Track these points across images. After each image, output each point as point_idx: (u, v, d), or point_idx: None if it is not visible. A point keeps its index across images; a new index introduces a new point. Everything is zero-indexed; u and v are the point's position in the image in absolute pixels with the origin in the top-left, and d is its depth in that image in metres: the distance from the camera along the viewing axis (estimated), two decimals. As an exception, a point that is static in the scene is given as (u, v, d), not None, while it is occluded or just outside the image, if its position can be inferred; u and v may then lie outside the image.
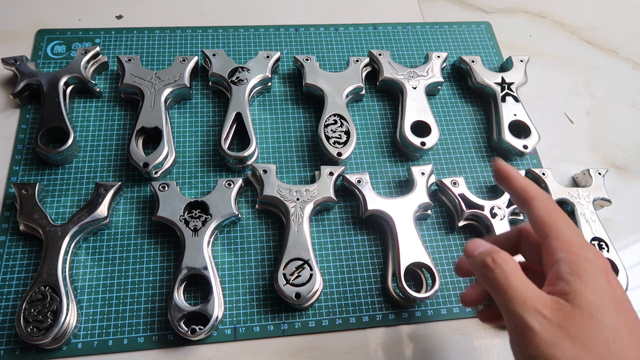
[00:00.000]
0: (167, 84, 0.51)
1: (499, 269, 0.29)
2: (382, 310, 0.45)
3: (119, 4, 0.61)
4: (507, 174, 0.34)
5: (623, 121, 0.60)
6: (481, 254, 0.31)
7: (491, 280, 0.30)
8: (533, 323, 0.27)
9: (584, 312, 0.27)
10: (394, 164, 0.53)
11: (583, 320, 0.27)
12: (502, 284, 0.29)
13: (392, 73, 0.55)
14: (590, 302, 0.27)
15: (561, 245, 0.29)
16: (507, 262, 0.30)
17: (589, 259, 0.29)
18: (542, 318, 0.27)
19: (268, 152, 0.52)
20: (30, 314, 0.39)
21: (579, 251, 0.29)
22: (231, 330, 0.43)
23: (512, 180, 0.34)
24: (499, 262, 0.30)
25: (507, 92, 0.55)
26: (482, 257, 0.31)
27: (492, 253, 0.31)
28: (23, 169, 0.48)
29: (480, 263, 0.31)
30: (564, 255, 0.29)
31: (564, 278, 0.28)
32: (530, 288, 0.29)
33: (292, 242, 0.44)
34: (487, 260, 0.30)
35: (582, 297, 0.27)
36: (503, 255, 0.30)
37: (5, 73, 0.54)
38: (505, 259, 0.30)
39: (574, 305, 0.27)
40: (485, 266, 0.30)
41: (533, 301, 0.28)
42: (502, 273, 0.29)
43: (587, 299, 0.27)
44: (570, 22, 0.68)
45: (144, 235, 0.46)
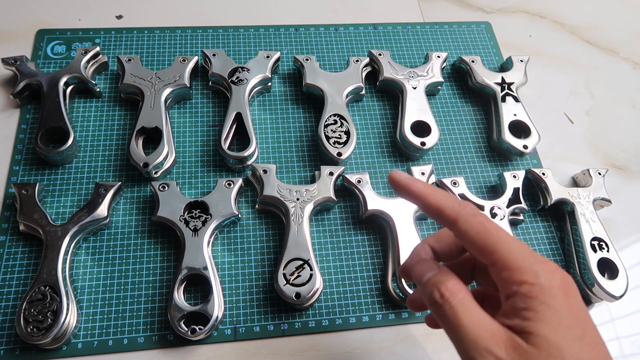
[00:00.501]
0: (167, 84, 0.51)
1: (447, 305, 0.27)
2: (382, 310, 0.45)
3: (119, 4, 0.61)
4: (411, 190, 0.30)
5: (623, 121, 0.60)
6: (429, 282, 0.28)
7: (441, 317, 0.27)
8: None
9: (542, 352, 0.25)
10: (394, 164, 0.53)
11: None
12: (451, 322, 0.27)
13: (392, 73, 0.55)
14: (548, 341, 0.25)
15: (511, 276, 0.26)
16: (455, 295, 0.27)
17: (544, 287, 0.26)
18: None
19: (268, 152, 0.52)
20: (30, 314, 0.39)
21: (531, 279, 0.26)
22: (231, 330, 0.43)
23: (421, 198, 0.29)
24: (447, 297, 0.27)
25: (507, 92, 0.55)
26: (430, 289, 0.28)
27: (439, 284, 0.28)
28: (23, 169, 0.48)
29: (428, 295, 0.28)
30: (517, 289, 0.26)
31: (519, 314, 0.26)
32: (482, 323, 0.26)
33: (292, 242, 0.44)
34: (435, 296, 0.27)
35: (539, 337, 0.25)
36: (451, 286, 0.27)
37: (5, 73, 0.54)
38: (453, 291, 0.27)
39: (531, 345, 0.25)
40: (433, 301, 0.28)
41: (485, 340, 0.25)
42: (451, 310, 0.27)
43: (544, 339, 0.25)
44: (570, 22, 0.68)
45: (144, 235, 0.46)
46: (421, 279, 0.29)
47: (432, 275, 0.29)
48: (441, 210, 0.28)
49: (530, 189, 0.52)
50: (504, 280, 0.27)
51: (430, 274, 0.29)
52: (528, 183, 0.52)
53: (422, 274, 0.29)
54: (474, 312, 0.27)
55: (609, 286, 0.45)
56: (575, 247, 0.48)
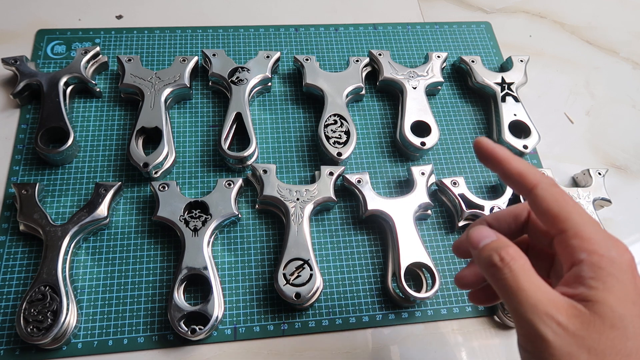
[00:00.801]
0: (167, 84, 0.51)
1: (507, 269, 0.26)
2: (382, 310, 0.45)
3: (119, 4, 0.61)
4: (495, 155, 0.29)
5: (623, 121, 0.60)
6: (487, 248, 0.28)
7: (499, 281, 0.26)
8: (546, 331, 0.24)
9: (605, 321, 0.24)
10: (394, 164, 0.53)
11: (604, 330, 0.24)
12: (511, 285, 0.26)
13: (392, 73, 0.55)
14: (613, 311, 0.24)
15: (581, 244, 0.26)
16: (516, 260, 0.26)
17: (614, 260, 0.25)
18: (557, 325, 0.24)
19: (268, 152, 0.52)
20: (30, 314, 0.39)
21: (602, 251, 0.25)
22: (231, 330, 0.43)
23: (504, 164, 0.29)
24: (507, 261, 0.26)
25: (507, 92, 0.55)
26: (489, 252, 0.27)
27: (500, 249, 0.27)
28: (23, 169, 0.48)
29: (486, 259, 0.27)
30: (586, 257, 0.25)
31: (585, 283, 0.25)
32: (543, 290, 0.25)
33: (292, 242, 0.44)
34: (494, 259, 0.27)
35: (604, 306, 0.24)
36: (512, 251, 0.27)
37: (5, 73, 0.54)
38: (514, 257, 0.26)
39: (594, 314, 0.24)
40: (492, 265, 0.27)
41: (546, 305, 0.25)
42: (511, 273, 0.26)
43: (610, 308, 0.24)
44: (570, 22, 0.68)
45: (144, 235, 0.46)
46: (478, 244, 0.28)
47: (491, 241, 0.28)
48: (523, 175, 0.28)
49: (530, 189, 0.52)
50: (573, 247, 0.26)
51: (488, 239, 0.28)
52: (528, 183, 0.52)
53: (479, 240, 0.28)
54: (534, 278, 0.26)
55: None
56: (575, 247, 0.48)
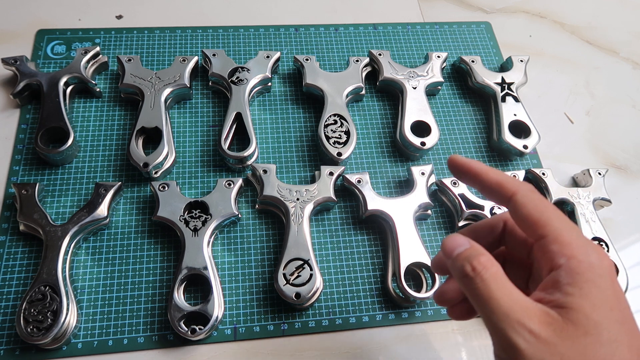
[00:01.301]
0: (167, 84, 0.51)
1: (478, 279, 0.26)
2: (382, 310, 0.45)
3: (119, 4, 0.61)
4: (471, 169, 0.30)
5: (623, 121, 0.60)
6: (460, 256, 0.28)
7: (471, 290, 0.27)
8: (518, 340, 0.24)
9: (579, 328, 0.24)
10: (394, 164, 0.53)
11: (577, 337, 0.24)
12: (482, 294, 0.26)
13: (392, 73, 0.55)
14: (588, 318, 0.24)
15: (561, 249, 0.26)
16: (488, 269, 0.26)
17: (594, 265, 0.25)
18: (529, 333, 0.24)
19: (268, 152, 0.52)
20: (30, 314, 0.39)
21: (581, 256, 0.25)
22: (231, 330, 0.43)
23: (481, 176, 0.29)
24: (479, 270, 0.26)
25: (507, 92, 0.55)
26: (461, 262, 0.27)
27: (472, 258, 0.27)
28: (23, 169, 0.48)
29: (459, 269, 0.27)
30: (564, 262, 0.25)
31: (562, 289, 0.25)
32: (515, 298, 0.25)
33: (292, 242, 0.44)
34: (466, 268, 0.27)
35: (579, 313, 0.24)
36: (483, 260, 0.27)
37: (5, 73, 0.54)
38: (486, 265, 0.27)
39: (568, 320, 0.24)
40: (464, 275, 0.27)
41: (518, 313, 0.25)
42: (482, 282, 0.26)
43: (584, 315, 0.24)
44: (570, 22, 0.68)
45: (144, 235, 0.46)
46: (452, 253, 0.28)
47: (464, 249, 0.28)
48: (501, 184, 0.29)
49: (530, 189, 0.52)
50: (552, 252, 0.26)
51: (461, 248, 0.28)
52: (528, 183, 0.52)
53: (452, 248, 0.28)
54: (506, 286, 0.26)
55: (609, 286, 0.45)
56: (575, 247, 0.48)
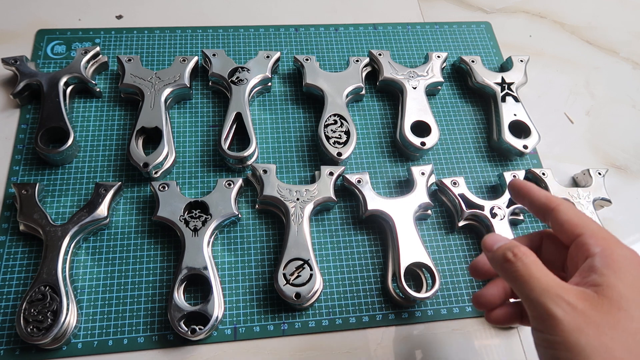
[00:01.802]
0: (167, 84, 0.51)
1: (520, 262, 0.29)
2: (382, 310, 0.45)
3: (119, 4, 0.61)
4: (526, 190, 0.35)
5: (623, 121, 0.60)
6: (501, 247, 0.31)
7: (512, 273, 0.29)
8: (556, 310, 0.27)
9: (613, 303, 0.27)
10: (394, 164, 0.53)
11: (611, 311, 0.26)
12: (523, 275, 0.29)
13: (392, 73, 0.55)
14: (621, 295, 0.27)
15: (597, 241, 0.29)
16: (528, 255, 0.30)
17: (626, 255, 0.29)
18: (566, 305, 0.27)
19: (268, 152, 0.52)
20: (30, 314, 0.39)
21: (615, 248, 0.29)
22: (231, 330, 0.43)
23: (532, 194, 0.35)
24: (520, 256, 0.30)
25: (507, 92, 0.55)
26: (503, 250, 0.30)
27: (513, 247, 0.30)
28: (23, 169, 0.48)
29: (500, 257, 0.30)
30: (599, 250, 0.29)
31: (597, 270, 0.28)
32: (552, 278, 0.28)
33: (292, 242, 0.44)
34: (507, 254, 0.30)
35: (613, 290, 0.27)
36: (523, 249, 0.30)
37: (5, 73, 0.54)
38: (526, 253, 0.30)
39: (602, 296, 0.27)
40: (506, 260, 0.30)
41: (556, 289, 0.28)
42: (523, 265, 0.29)
43: (618, 292, 0.27)
44: (570, 22, 0.68)
45: (144, 235, 0.46)
46: (492, 246, 0.32)
47: (504, 242, 0.32)
48: (549, 198, 0.34)
49: (530, 189, 0.52)
50: (589, 245, 0.30)
51: (501, 242, 0.32)
52: (528, 183, 0.52)
53: (493, 243, 0.32)
54: (544, 270, 0.29)
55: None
56: (575, 247, 0.48)
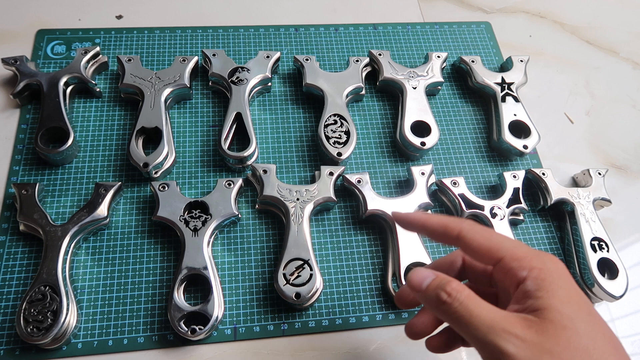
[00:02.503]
0: (167, 84, 0.51)
1: (456, 302, 0.28)
2: (382, 310, 0.45)
3: (119, 4, 0.61)
4: (415, 220, 0.33)
5: (623, 121, 0.60)
6: (431, 287, 0.29)
7: (451, 315, 0.28)
8: (507, 346, 0.25)
9: (556, 324, 0.26)
10: (394, 164, 0.53)
11: (557, 333, 0.26)
12: (463, 315, 0.27)
13: (392, 73, 0.55)
14: (561, 314, 0.26)
15: (520, 264, 0.29)
16: (461, 292, 0.28)
17: (551, 270, 0.28)
18: (515, 338, 0.26)
19: (268, 152, 0.52)
20: (30, 314, 0.39)
21: (539, 265, 0.28)
22: (231, 330, 0.43)
23: (426, 224, 0.32)
24: (454, 295, 0.28)
25: (507, 92, 0.55)
26: (435, 291, 0.29)
27: (444, 286, 0.29)
28: (23, 169, 0.48)
29: (433, 298, 0.29)
30: (527, 273, 0.28)
31: (532, 295, 0.27)
32: (493, 311, 0.27)
33: (292, 242, 0.44)
34: (441, 296, 0.28)
35: (552, 310, 0.26)
36: (455, 285, 0.29)
37: (5, 73, 0.54)
38: (459, 289, 0.28)
39: (544, 319, 0.26)
40: (441, 302, 0.28)
41: (501, 323, 0.26)
42: (460, 305, 0.28)
43: (557, 311, 0.26)
44: (570, 22, 0.68)
45: (144, 235, 0.46)
46: (420, 285, 0.30)
47: (432, 280, 0.30)
48: (446, 225, 0.31)
49: (530, 189, 0.52)
50: (513, 269, 0.29)
51: (429, 279, 0.30)
52: (528, 183, 0.52)
53: (420, 281, 0.30)
54: (482, 304, 0.28)
55: (609, 286, 0.45)
56: (575, 247, 0.48)
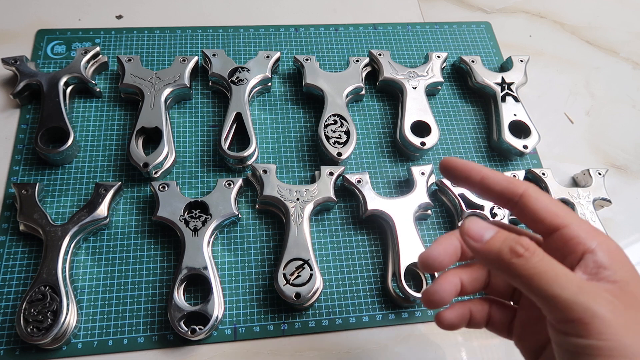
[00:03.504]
0: (167, 84, 0.51)
1: (536, 257, 0.24)
2: (382, 310, 0.45)
3: (119, 4, 0.61)
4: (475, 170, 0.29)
5: (623, 121, 0.60)
6: (498, 239, 0.26)
7: (528, 270, 0.24)
8: (601, 310, 0.23)
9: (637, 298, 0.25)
10: (394, 164, 0.53)
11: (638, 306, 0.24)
12: (547, 271, 0.24)
13: (392, 73, 0.55)
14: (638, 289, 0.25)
15: (589, 235, 0.26)
16: (539, 249, 0.25)
17: (618, 249, 0.27)
18: (608, 303, 0.23)
19: (268, 152, 0.52)
20: (30, 314, 0.39)
21: (606, 240, 0.26)
22: (231, 330, 0.43)
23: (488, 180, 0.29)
24: (533, 249, 0.25)
25: (507, 92, 0.55)
26: (507, 243, 0.25)
27: (516, 240, 0.25)
28: (23, 169, 0.48)
29: (505, 251, 0.25)
30: (597, 245, 0.26)
31: (607, 267, 0.25)
32: (577, 275, 0.25)
33: (292, 242, 0.44)
34: (517, 249, 0.25)
35: (630, 285, 0.25)
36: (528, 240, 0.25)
37: (5, 73, 0.54)
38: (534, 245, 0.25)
39: (627, 292, 0.24)
40: (516, 255, 0.25)
41: (590, 286, 0.24)
42: (542, 260, 0.24)
43: (635, 286, 0.25)
44: (570, 22, 0.68)
45: (144, 235, 0.46)
46: (481, 237, 0.26)
47: (494, 232, 0.26)
48: (510, 181, 0.28)
49: (530, 189, 0.52)
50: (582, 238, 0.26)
51: (491, 231, 0.26)
52: (528, 183, 0.52)
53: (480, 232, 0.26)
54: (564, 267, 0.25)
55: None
56: (575, 247, 0.48)
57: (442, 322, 0.32)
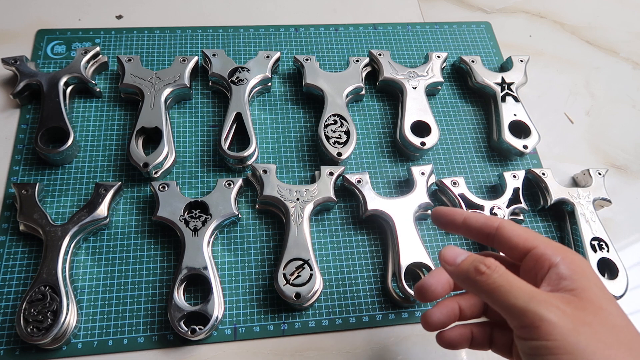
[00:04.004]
0: (167, 84, 0.51)
1: (495, 273, 0.28)
2: (382, 310, 0.45)
3: (119, 4, 0.61)
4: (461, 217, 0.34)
5: (623, 121, 0.60)
6: (467, 261, 0.30)
7: (489, 285, 0.28)
8: (549, 315, 0.26)
9: (594, 303, 0.27)
10: (394, 164, 0.53)
11: (595, 311, 0.27)
12: (503, 285, 0.28)
13: (392, 73, 0.55)
14: (598, 296, 0.28)
15: (554, 251, 0.30)
16: (499, 266, 0.29)
17: (581, 260, 0.30)
18: (556, 309, 0.26)
19: (268, 152, 0.52)
20: (30, 314, 0.39)
21: (570, 254, 0.30)
22: (231, 330, 0.43)
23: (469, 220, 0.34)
24: (493, 267, 0.29)
25: (507, 92, 0.55)
26: (473, 264, 0.29)
27: (481, 259, 0.29)
28: (23, 169, 0.48)
29: (471, 270, 0.29)
30: (560, 259, 0.29)
31: (566, 277, 0.29)
32: (532, 287, 0.28)
33: (292, 242, 0.44)
34: (480, 267, 0.29)
35: (588, 292, 0.28)
36: (492, 260, 0.29)
37: (5, 73, 0.54)
38: (497, 264, 0.29)
39: (581, 298, 0.27)
40: (479, 272, 0.29)
41: (541, 295, 0.27)
42: (500, 276, 0.28)
43: (594, 294, 0.28)
44: (570, 22, 0.68)
45: (144, 235, 0.46)
46: (454, 260, 0.31)
47: (466, 256, 0.31)
48: (486, 220, 0.33)
49: (530, 189, 0.52)
50: (547, 255, 0.30)
51: (463, 256, 0.31)
52: (528, 183, 0.52)
53: (454, 256, 0.31)
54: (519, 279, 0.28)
55: (609, 286, 0.45)
56: (575, 247, 0.48)
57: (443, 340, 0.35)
